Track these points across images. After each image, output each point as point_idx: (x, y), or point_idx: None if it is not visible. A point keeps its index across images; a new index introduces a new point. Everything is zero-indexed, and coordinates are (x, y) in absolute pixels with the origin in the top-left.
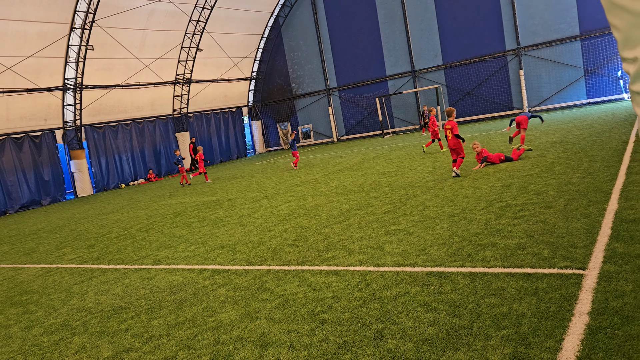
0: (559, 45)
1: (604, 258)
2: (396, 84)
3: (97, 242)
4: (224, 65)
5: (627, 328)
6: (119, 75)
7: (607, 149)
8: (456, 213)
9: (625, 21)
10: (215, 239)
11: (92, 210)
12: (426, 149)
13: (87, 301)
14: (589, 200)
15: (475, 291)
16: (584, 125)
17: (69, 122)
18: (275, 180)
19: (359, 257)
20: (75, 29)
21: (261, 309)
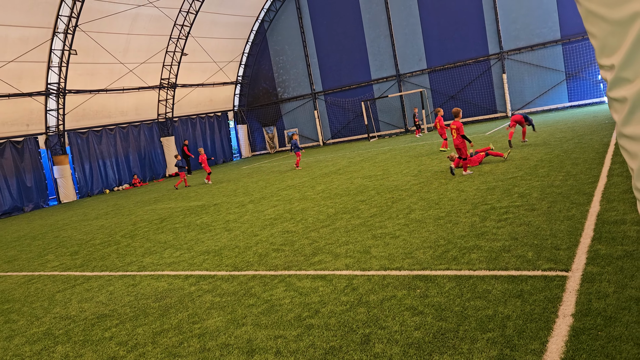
0: (540, 50)
1: (586, 260)
2: (381, 87)
3: (81, 248)
4: (209, 69)
5: (610, 329)
6: (103, 80)
7: (589, 151)
8: (442, 216)
9: (602, 29)
10: (201, 245)
11: (75, 216)
12: (442, 149)
13: (70, 309)
14: (571, 202)
15: (461, 294)
16: (566, 128)
17: (51, 128)
18: (262, 184)
19: (345, 261)
20: (58, 34)
21: (247, 315)
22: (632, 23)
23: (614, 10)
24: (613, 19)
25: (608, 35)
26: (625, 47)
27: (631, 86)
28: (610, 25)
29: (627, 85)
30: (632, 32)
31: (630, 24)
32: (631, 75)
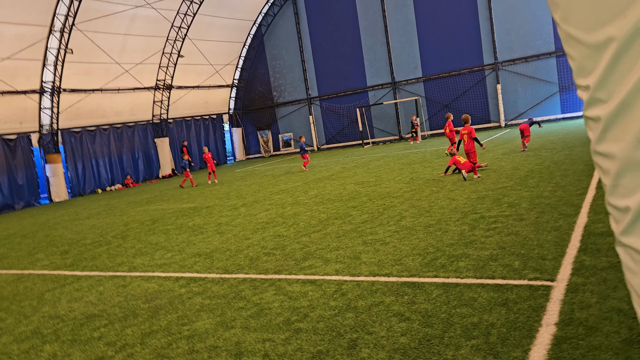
0: (534, 61)
1: (572, 270)
2: (376, 94)
3: (72, 248)
4: (206, 72)
5: (591, 339)
6: (98, 80)
7: (579, 163)
8: (432, 224)
9: (579, 52)
10: (193, 247)
11: (67, 215)
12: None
13: (59, 308)
14: (559, 213)
15: (447, 301)
16: (557, 139)
17: (45, 126)
18: (255, 188)
19: (335, 266)
20: (55, 32)
21: (237, 318)
22: (606, 47)
23: (591, 34)
24: (589, 43)
25: (584, 57)
26: (600, 70)
27: (605, 106)
28: (586, 49)
29: (601, 105)
30: (606, 56)
31: (604, 48)
32: (605, 96)
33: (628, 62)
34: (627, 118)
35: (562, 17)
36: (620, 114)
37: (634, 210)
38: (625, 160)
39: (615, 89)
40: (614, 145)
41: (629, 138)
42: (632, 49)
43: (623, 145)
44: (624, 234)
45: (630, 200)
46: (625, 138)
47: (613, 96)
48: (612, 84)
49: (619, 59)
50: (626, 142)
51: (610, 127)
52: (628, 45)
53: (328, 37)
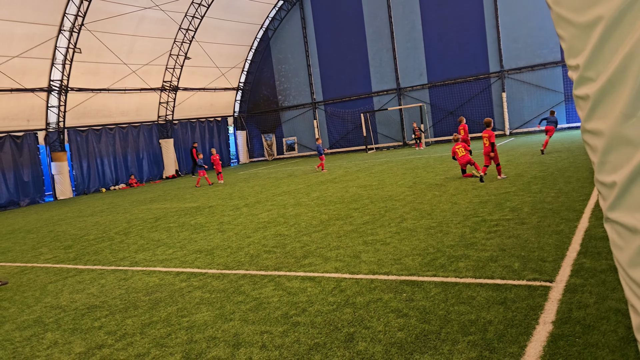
0: (540, 70)
1: (571, 272)
2: (381, 100)
3: (75, 243)
4: (212, 74)
5: (588, 337)
6: (106, 80)
7: (583, 170)
8: (433, 226)
9: (569, 32)
10: (194, 244)
11: (71, 212)
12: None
13: (61, 299)
14: (561, 218)
15: (446, 299)
16: (562, 147)
17: (52, 124)
18: (257, 189)
19: (335, 264)
20: (64, 32)
21: (236, 311)
22: (594, 26)
23: (580, 14)
24: (579, 23)
25: (574, 37)
26: (589, 49)
27: (593, 85)
28: (576, 29)
29: (589, 83)
30: (594, 35)
31: (593, 27)
32: (593, 74)
33: (615, 41)
34: (613, 95)
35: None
36: (608, 91)
37: (619, 185)
38: (611, 136)
39: (603, 67)
40: (602, 122)
41: (615, 114)
42: (620, 28)
43: (610, 122)
44: (611, 209)
45: (616, 175)
46: (612, 115)
47: (601, 74)
48: (600, 63)
49: (607, 37)
50: (613, 119)
51: (598, 105)
52: (615, 23)
53: (334, 42)
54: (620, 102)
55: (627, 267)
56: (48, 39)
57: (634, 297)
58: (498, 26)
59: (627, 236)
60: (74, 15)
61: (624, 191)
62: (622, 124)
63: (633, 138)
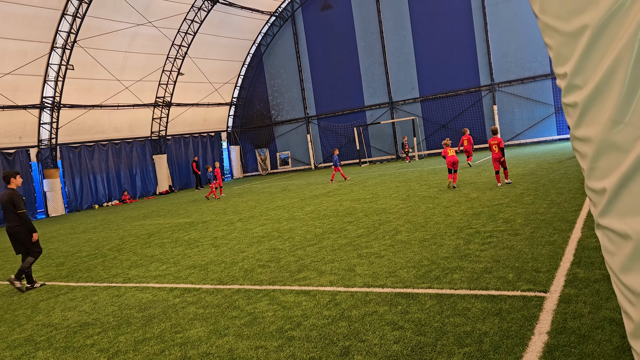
0: (530, 83)
1: (565, 282)
2: (374, 114)
3: (67, 260)
4: (205, 89)
5: (583, 346)
6: (98, 96)
7: (574, 181)
8: (427, 238)
9: (557, 41)
10: (188, 259)
11: (63, 229)
12: (472, 163)
13: (53, 317)
14: (554, 228)
15: (441, 311)
16: (553, 159)
17: (44, 141)
18: (252, 204)
19: (329, 278)
20: (56, 48)
21: (230, 326)
22: (581, 35)
23: (566, 23)
24: (565, 31)
25: (561, 46)
26: (576, 57)
27: (581, 92)
28: (563, 37)
29: (577, 91)
30: (581, 43)
31: (579, 36)
32: (581, 82)
33: (601, 48)
34: (601, 101)
35: (540, 8)
36: (595, 98)
37: (609, 191)
38: (600, 142)
39: (590, 74)
40: (590, 129)
41: (604, 120)
42: (605, 35)
43: (598, 128)
44: (601, 216)
45: (606, 181)
46: (600, 121)
47: (588, 82)
48: (588, 70)
49: (593, 45)
50: (601, 125)
51: (586, 112)
52: (601, 31)
53: (326, 57)
54: (608, 108)
55: (619, 272)
56: (40, 56)
57: (627, 303)
58: (488, 40)
59: (618, 242)
60: (67, 32)
61: (614, 197)
62: (610, 130)
63: (621, 144)
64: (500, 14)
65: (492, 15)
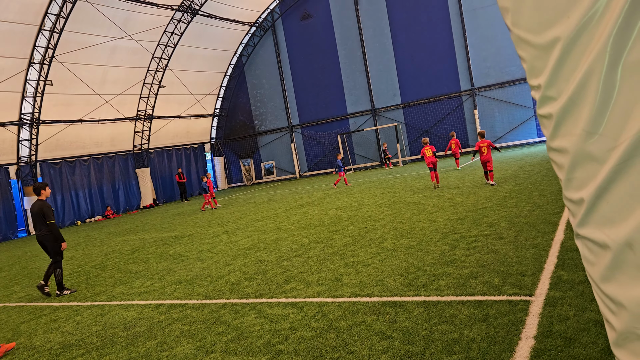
0: (510, 87)
1: (550, 285)
2: (357, 121)
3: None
4: (187, 101)
5: (569, 350)
6: (78, 111)
7: (556, 183)
8: (413, 245)
9: (529, 53)
10: (173, 274)
11: None
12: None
13: (35, 339)
14: (537, 231)
15: (428, 319)
16: (534, 162)
17: (23, 158)
18: (237, 215)
19: (317, 288)
20: (34, 64)
21: (217, 342)
22: (553, 47)
23: (538, 36)
24: (538, 44)
25: (534, 58)
26: (549, 69)
27: (555, 103)
28: (535, 50)
29: (552, 102)
30: (553, 55)
31: (551, 48)
32: (554, 93)
33: (573, 60)
34: (575, 113)
35: (513, 21)
36: (570, 110)
37: (587, 201)
38: (576, 153)
39: (563, 86)
40: (566, 140)
41: (578, 132)
42: (576, 48)
43: (574, 139)
44: (580, 226)
45: (583, 192)
46: (575, 132)
47: (562, 93)
48: (561, 82)
49: (565, 57)
50: (576, 136)
51: (561, 123)
52: (572, 44)
53: (308, 66)
54: (582, 119)
55: (599, 282)
56: (18, 72)
57: (609, 312)
58: (467, 46)
59: (598, 251)
60: (44, 48)
61: (592, 207)
62: (585, 141)
63: (597, 155)
64: (478, 20)
65: (470, 21)
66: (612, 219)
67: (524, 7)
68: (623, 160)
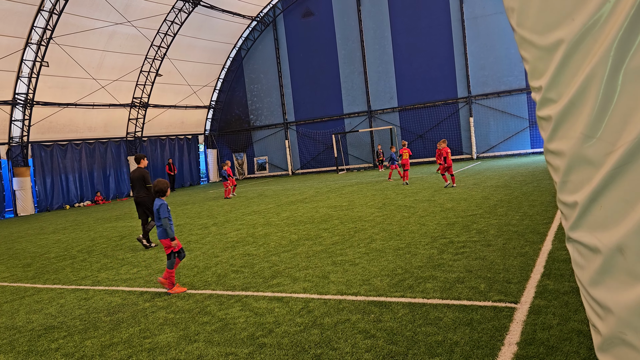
0: (506, 97)
1: (535, 293)
2: (352, 122)
3: (34, 261)
4: (183, 92)
5: (551, 358)
6: (73, 94)
7: (547, 194)
8: (401, 247)
9: (532, 54)
10: (160, 263)
11: (32, 229)
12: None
13: (17, 320)
14: (526, 240)
15: (413, 320)
16: (526, 172)
17: (15, 138)
18: (227, 208)
19: (303, 285)
20: (31, 44)
21: (200, 332)
22: (556, 49)
23: (542, 37)
24: (541, 45)
25: (537, 59)
26: (551, 71)
27: (555, 106)
28: (539, 51)
29: (551, 105)
30: (556, 57)
31: (555, 50)
32: (555, 95)
33: (576, 63)
34: (574, 116)
35: (517, 22)
36: (569, 112)
37: (581, 205)
38: (573, 156)
39: (564, 88)
40: (563, 143)
41: (576, 135)
42: (580, 51)
43: (571, 142)
44: (572, 229)
45: (577, 195)
46: (573, 135)
47: (562, 96)
48: (562, 84)
49: (568, 60)
50: (574, 139)
51: (559, 125)
52: (576, 46)
53: (307, 64)
54: (580, 123)
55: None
56: (14, 52)
57: (595, 316)
58: (466, 53)
59: (588, 255)
60: (43, 29)
61: (585, 211)
62: (582, 144)
63: (593, 158)
64: (478, 28)
65: (470, 29)
66: (605, 223)
67: (530, 8)
68: (619, 165)
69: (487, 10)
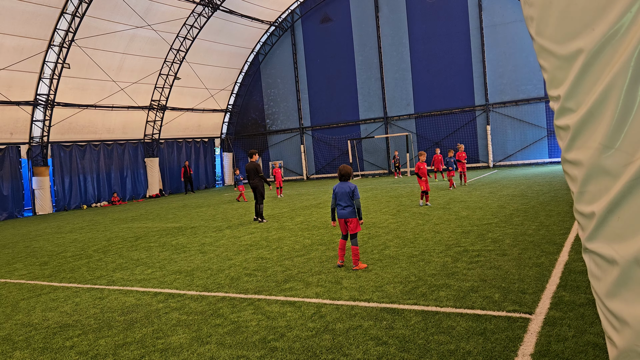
0: (524, 105)
1: (550, 305)
2: (368, 128)
3: (51, 259)
4: (200, 95)
5: None
6: (93, 96)
7: (564, 205)
8: (415, 254)
9: (551, 64)
10: (174, 264)
11: (49, 228)
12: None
13: (33, 317)
14: (542, 250)
15: (425, 328)
16: (544, 182)
17: (35, 138)
18: (241, 212)
19: (316, 289)
20: (54, 46)
21: (212, 334)
22: (575, 58)
23: (561, 46)
24: (560, 54)
25: (556, 69)
26: (570, 80)
27: (574, 115)
28: (558, 60)
29: (570, 114)
30: (575, 67)
31: (574, 60)
32: (574, 105)
33: (595, 73)
34: (593, 126)
35: (537, 30)
36: (587, 122)
37: (598, 216)
38: (591, 166)
39: (583, 98)
40: (581, 153)
41: (595, 145)
42: (599, 60)
43: (589, 153)
44: (589, 240)
45: (595, 205)
46: (591, 145)
47: (581, 105)
48: (581, 94)
49: (587, 69)
50: (592, 149)
51: (578, 135)
52: (595, 56)
53: (324, 69)
54: (599, 133)
55: (604, 297)
56: (37, 53)
57: (611, 329)
58: (484, 61)
59: (605, 267)
60: (65, 31)
61: (602, 222)
62: (600, 154)
63: (611, 169)
64: (497, 36)
65: (489, 37)
66: (622, 235)
67: (550, 17)
68: (638, 177)
69: (506, 18)
